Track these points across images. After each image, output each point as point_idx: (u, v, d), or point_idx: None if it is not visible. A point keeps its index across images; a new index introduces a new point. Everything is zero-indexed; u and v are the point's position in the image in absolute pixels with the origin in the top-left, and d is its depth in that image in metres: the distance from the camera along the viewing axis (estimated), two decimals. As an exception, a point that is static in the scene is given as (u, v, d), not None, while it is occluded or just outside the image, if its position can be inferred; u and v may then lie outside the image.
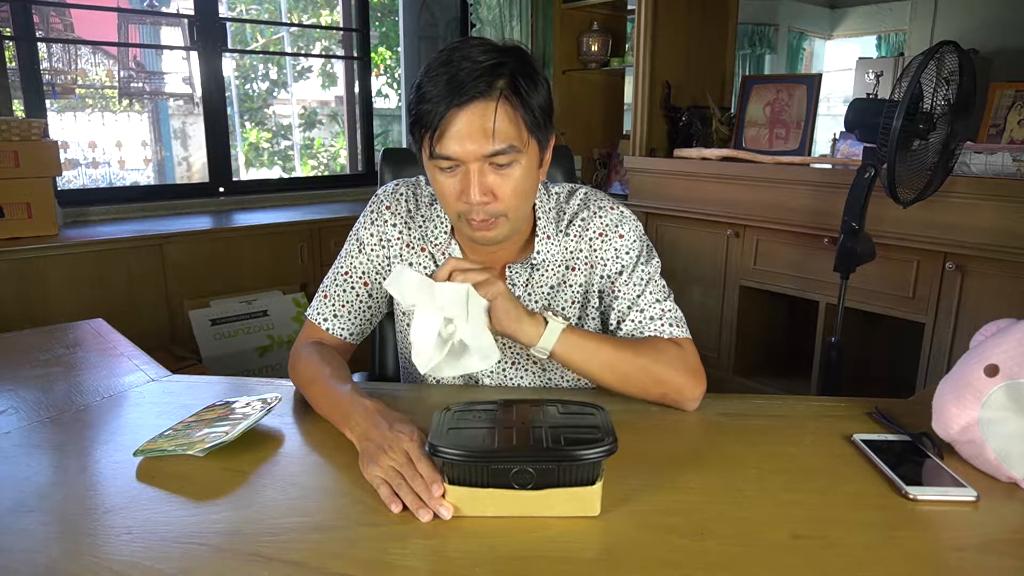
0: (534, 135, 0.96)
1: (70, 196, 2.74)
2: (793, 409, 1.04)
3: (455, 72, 0.91)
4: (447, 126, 0.92)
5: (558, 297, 1.12)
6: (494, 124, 0.91)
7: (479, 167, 0.94)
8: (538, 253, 1.09)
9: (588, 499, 0.74)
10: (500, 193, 0.96)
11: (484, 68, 0.91)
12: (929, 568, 0.67)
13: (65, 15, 3.45)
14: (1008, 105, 2.27)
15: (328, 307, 1.14)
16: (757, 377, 2.75)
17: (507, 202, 0.97)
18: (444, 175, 0.97)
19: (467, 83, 0.90)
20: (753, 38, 6.34)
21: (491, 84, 0.91)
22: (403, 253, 1.13)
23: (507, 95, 0.92)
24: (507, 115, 0.92)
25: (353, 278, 1.14)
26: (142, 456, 0.87)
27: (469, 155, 0.93)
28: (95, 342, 1.34)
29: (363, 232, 1.15)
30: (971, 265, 2.05)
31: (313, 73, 4.51)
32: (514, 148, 0.93)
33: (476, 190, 0.94)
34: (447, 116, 0.91)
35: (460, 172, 0.95)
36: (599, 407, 0.82)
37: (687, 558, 0.68)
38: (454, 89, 0.91)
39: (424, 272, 1.12)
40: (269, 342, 2.68)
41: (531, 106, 0.94)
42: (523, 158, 0.95)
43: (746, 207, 2.54)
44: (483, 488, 0.74)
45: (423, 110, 0.93)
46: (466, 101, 0.91)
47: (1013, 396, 0.81)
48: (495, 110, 0.91)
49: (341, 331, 1.13)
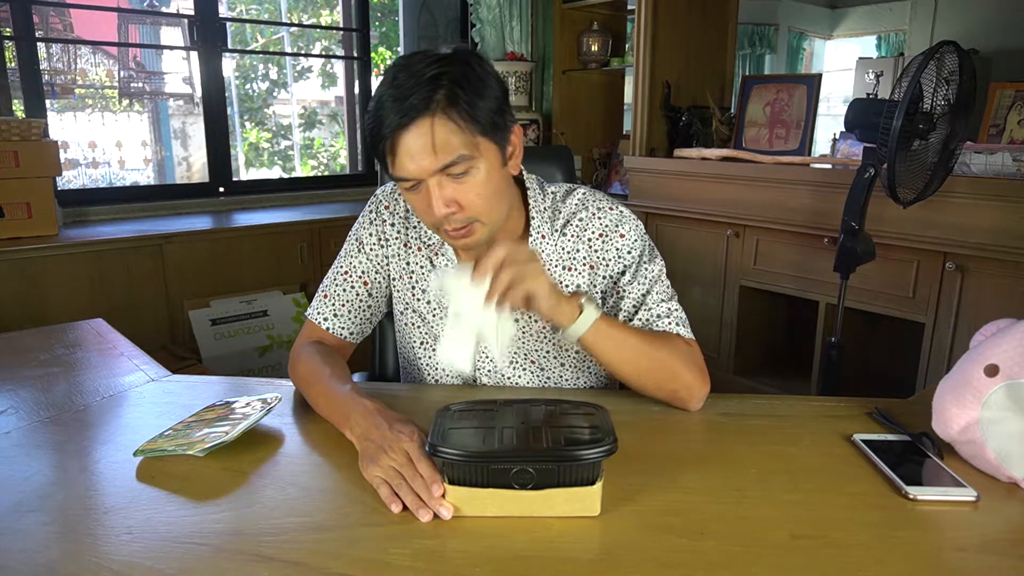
0: (487, 137, 0.95)
1: (70, 196, 2.74)
2: (793, 409, 1.04)
3: (398, 90, 0.91)
4: (396, 147, 0.92)
5: None
6: (433, 140, 0.91)
7: (437, 180, 0.94)
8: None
9: (588, 499, 0.74)
10: (464, 201, 0.95)
11: (423, 82, 0.91)
12: (929, 568, 0.67)
13: (65, 15, 3.45)
14: (1008, 105, 2.27)
15: (328, 306, 1.14)
16: (757, 377, 2.75)
17: (474, 208, 0.96)
18: (409, 193, 0.98)
19: (408, 100, 0.90)
20: (753, 38, 6.33)
21: (429, 99, 0.90)
22: (401, 252, 1.15)
23: (444, 108, 0.91)
24: (447, 128, 0.91)
25: (353, 277, 1.15)
26: (142, 456, 0.87)
27: (423, 172, 0.93)
28: (95, 342, 1.34)
29: (362, 232, 1.16)
30: (971, 265, 2.05)
31: (313, 73, 4.51)
32: (464, 157, 0.93)
33: (439, 204, 0.94)
34: (393, 137, 0.92)
35: (423, 188, 0.95)
36: (599, 407, 0.82)
37: (687, 558, 0.68)
38: (397, 109, 0.91)
39: (421, 270, 1.13)
40: (269, 342, 2.68)
41: (475, 113, 0.92)
42: (479, 163, 0.95)
43: (746, 207, 2.54)
44: (483, 488, 0.74)
45: (375, 133, 0.94)
46: (407, 121, 0.91)
47: (1013, 396, 0.81)
48: (432, 126, 0.91)
49: (341, 330, 1.14)
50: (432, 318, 1.15)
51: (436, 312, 1.14)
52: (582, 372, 1.16)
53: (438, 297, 0.92)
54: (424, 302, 1.15)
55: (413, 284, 1.15)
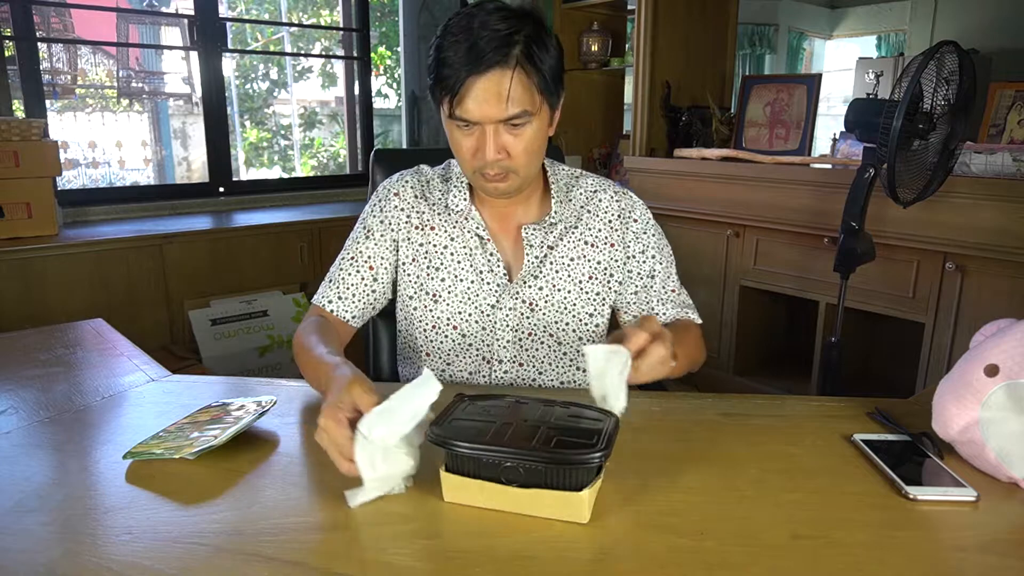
0: (546, 98, 1.04)
1: (70, 196, 2.74)
2: (793, 409, 1.04)
3: (474, 40, 0.97)
4: (466, 91, 0.99)
5: (577, 269, 1.16)
6: (509, 91, 0.98)
7: (494, 128, 1.01)
8: (555, 213, 1.16)
9: (575, 505, 0.72)
10: (513, 151, 1.03)
11: (501, 37, 0.98)
12: (929, 568, 0.67)
13: (65, 15, 3.45)
14: (1008, 105, 2.27)
15: (333, 290, 1.17)
16: (757, 377, 2.75)
17: (519, 159, 1.04)
18: (461, 133, 1.04)
19: (486, 52, 0.97)
20: (753, 38, 6.34)
21: (507, 53, 0.98)
22: (413, 235, 1.18)
23: (522, 63, 0.99)
24: (521, 82, 0.99)
25: (359, 262, 1.17)
26: (132, 459, 0.86)
27: (486, 118, 1.00)
28: (95, 342, 1.34)
29: (371, 220, 1.19)
30: (971, 265, 2.05)
31: (313, 73, 4.52)
32: (527, 112, 1.01)
33: (491, 148, 1.02)
34: (467, 82, 0.98)
35: (476, 131, 1.02)
36: (609, 414, 0.80)
37: (687, 558, 0.68)
38: (474, 57, 0.97)
39: (442, 249, 1.16)
40: (269, 342, 2.68)
41: (543, 71, 1.01)
42: (535, 120, 1.03)
43: (746, 207, 2.54)
44: (474, 479, 0.74)
45: (444, 74, 1.00)
46: (484, 69, 0.97)
47: (1013, 396, 0.81)
48: (511, 78, 0.98)
49: (344, 313, 1.16)
50: (448, 295, 1.15)
51: (451, 289, 1.15)
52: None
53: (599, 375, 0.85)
54: (439, 280, 1.15)
55: (428, 264, 1.16)
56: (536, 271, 1.15)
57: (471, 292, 1.15)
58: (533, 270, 1.15)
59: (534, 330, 1.16)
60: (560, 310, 1.15)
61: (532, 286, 1.15)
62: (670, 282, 1.22)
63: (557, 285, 1.15)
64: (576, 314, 1.16)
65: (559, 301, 1.15)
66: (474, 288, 1.15)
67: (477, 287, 1.15)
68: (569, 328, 1.16)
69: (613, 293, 1.19)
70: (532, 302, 1.15)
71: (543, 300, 1.15)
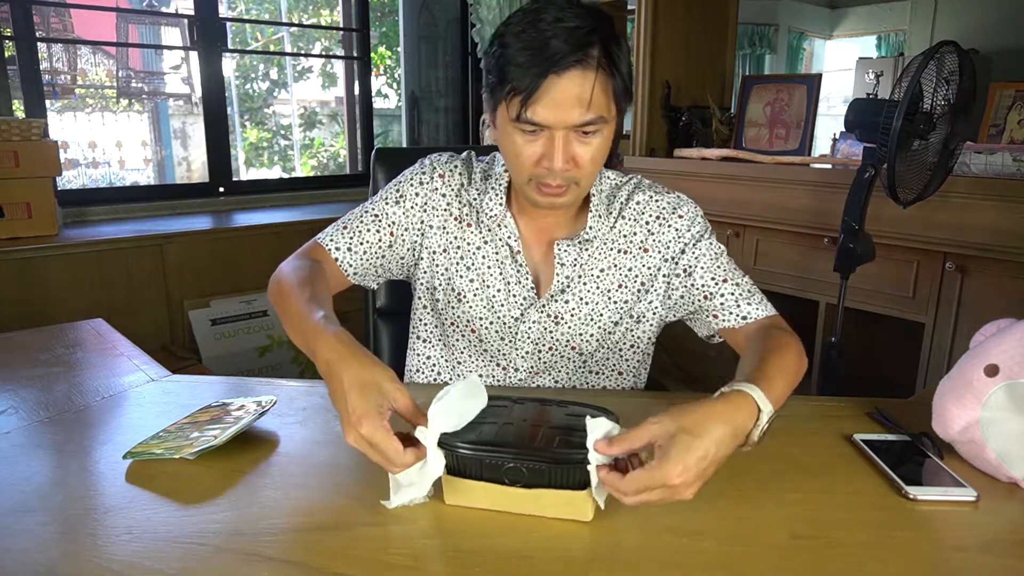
0: (619, 105, 0.95)
1: (70, 196, 2.74)
2: (793, 409, 1.04)
3: (548, 37, 0.88)
4: (542, 92, 0.89)
5: (607, 279, 1.09)
6: (592, 94, 0.89)
7: (564, 135, 0.92)
8: (590, 229, 1.07)
9: (579, 504, 0.72)
10: (581, 161, 0.94)
11: (580, 36, 0.88)
12: (929, 568, 0.67)
13: (65, 15, 3.45)
14: (1008, 105, 2.26)
15: (344, 238, 1.08)
16: (757, 377, 2.74)
17: (586, 170, 0.96)
18: (524, 138, 0.94)
19: (564, 50, 0.87)
20: (753, 38, 6.34)
21: (587, 53, 0.88)
22: (449, 226, 1.10)
23: (603, 64, 0.90)
24: (602, 85, 0.90)
25: (382, 222, 1.09)
26: (132, 459, 0.86)
27: (560, 123, 0.91)
28: (95, 342, 1.34)
29: (407, 187, 1.11)
30: (971, 265, 2.05)
31: (313, 73, 4.51)
32: (602, 119, 0.92)
33: (559, 157, 0.92)
34: (544, 83, 0.88)
35: (543, 137, 0.93)
36: (611, 413, 0.79)
37: (687, 558, 0.68)
38: (551, 55, 0.87)
39: (475, 249, 1.09)
40: (269, 342, 2.68)
41: (622, 75, 0.93)
42: (606, 128, 0.94)
43: (746, 207, 2.54)
44: (476, 480, 0.74)
45: (513, 72, 0.90)
46: (563, 69, 0.88)
47: (1013, 396, 0.81)
48: (594, 80, 0.89)
49: (348, 266, 1.08)
50: (473, 298, 1.10)
51: (478, 292, 1.09)
52: (621, 375, 1.15)
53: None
54: (468, 280, 1.10)
55: (459, 259, 1.10)
56: (564, 286, 1.08)
57: (496, 301, 1.09)
58: (561, 285, 1.08)
59: (556, 344, 1.10)
60: (586, 322, 1.09)
61: (559, 300, 1.08)
62: (735, 278, 1.07)
63: (585, 298, 1.08)
64: (602, 325, 1.10)
65: (585, 314, 1.09)
66: (500, 297, 1.09)
67: (504, 297, 1.09)
68: (593, 339, 1.10)
69: (658, 298, 1.10)
70: (558, 316, 1.09)
71: (569, 314, 1.09)
